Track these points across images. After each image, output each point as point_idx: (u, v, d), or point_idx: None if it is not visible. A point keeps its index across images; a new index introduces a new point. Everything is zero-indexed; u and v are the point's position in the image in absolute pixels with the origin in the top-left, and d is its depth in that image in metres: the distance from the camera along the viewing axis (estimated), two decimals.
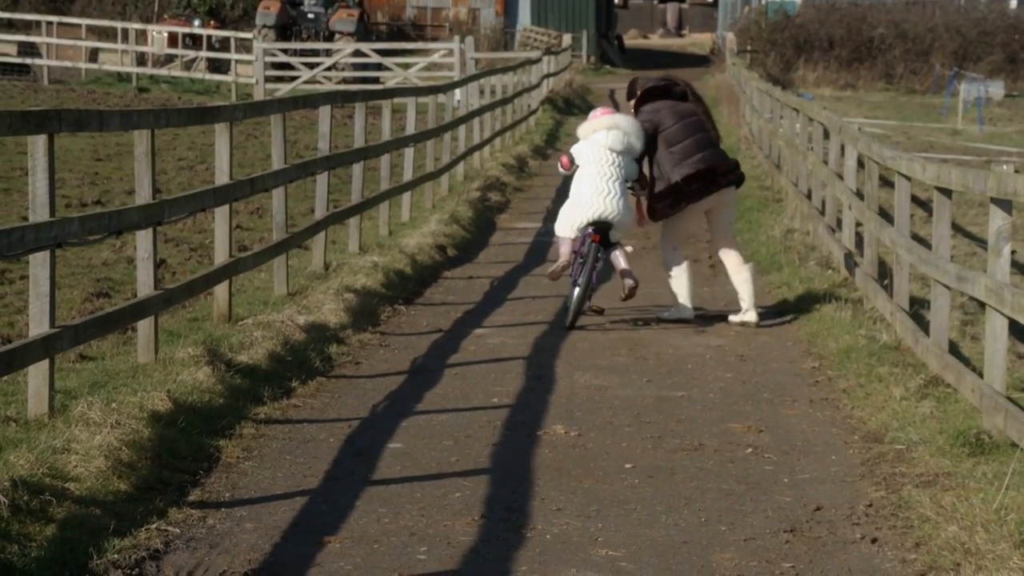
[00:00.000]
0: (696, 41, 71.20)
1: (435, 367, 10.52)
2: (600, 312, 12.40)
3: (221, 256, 11.13)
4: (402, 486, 7.55)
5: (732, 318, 12.38)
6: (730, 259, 12.51)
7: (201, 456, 7.88)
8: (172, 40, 46.11)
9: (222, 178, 11.05)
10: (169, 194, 14.54)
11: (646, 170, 12.50)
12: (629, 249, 12.33)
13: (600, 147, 12.09)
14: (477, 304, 13.35)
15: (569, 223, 12.14)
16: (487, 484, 7.60)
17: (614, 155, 12.08)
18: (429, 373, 10.32)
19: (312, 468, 7.85)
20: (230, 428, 8.44)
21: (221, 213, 11.11)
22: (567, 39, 50.10)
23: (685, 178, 12.22)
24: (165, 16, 51.31)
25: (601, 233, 12.03)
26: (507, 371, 10.43)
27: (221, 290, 11.13)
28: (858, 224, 13.67)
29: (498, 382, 10.06)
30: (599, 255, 12.06)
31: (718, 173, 12.33)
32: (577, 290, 12.07)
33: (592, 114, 12.52)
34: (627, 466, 8.00)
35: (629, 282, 12.11)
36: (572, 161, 12.25)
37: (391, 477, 7.72)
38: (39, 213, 7.94)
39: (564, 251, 12.17)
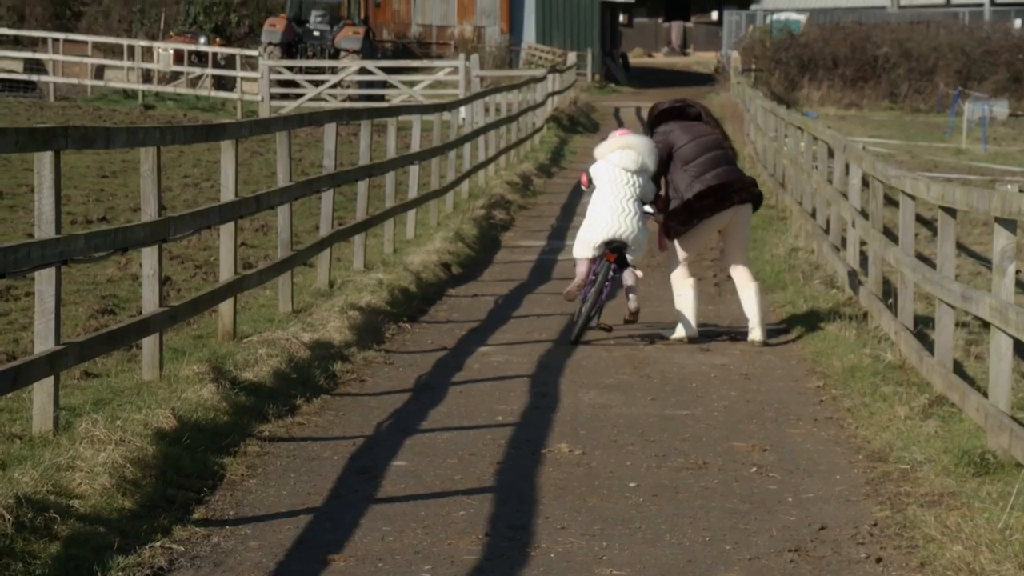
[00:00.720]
0: (700, 59, 71.29)
1: (439, 385, 10.52)
2: (608, 330, 12.41)
3: (226, 273, 11.15)
4: (406, 504, 7.54)
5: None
6: (739, 276, 12.53)
7: (205, 474, 7.87)
8: (178, 57, 46.20)
9: (227, 195, 11.07)
10: (174, 211, 14.54)
11: (663, 191, 12.56)
12: (639, 273, 12.36)
13: (615, 167, 12.21)
14: (481, 322, 13.35)
15: (586, 244, 12.24)
16: (491, 502, 7.59)
17: (629, 175, 12.18)
18: (433, 391, 10.31)
19: (316, 486, 7.84)
20: (234, 446, 8.43)
21: (226, 230, 11.12)
22: (572, 57, 50.17)
23: (697, 195, 12.26)
24: (171, 33, 51.43)
25: (616, 252, 12.11)
26: (511, 389, 10.42)
27: (226, 307, 11.12)
28: (862, 243, 13.66)
29: (502, 400, 10.05)
30: (611, 274, 12.14)
31: (731, 189, 12.33)
32: (585, 306, 12.16)
33: (611, 135, 12.63)
34: (631, 485, 7.99)
35: (632, 305, 12.18)
36: (591, 180, 12.37)
37: (395, 495, 7.71)
38: (45, 230, 7.95)
39: (581, 270, 12.26)
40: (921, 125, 43.92)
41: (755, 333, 12.32)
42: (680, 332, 12.44)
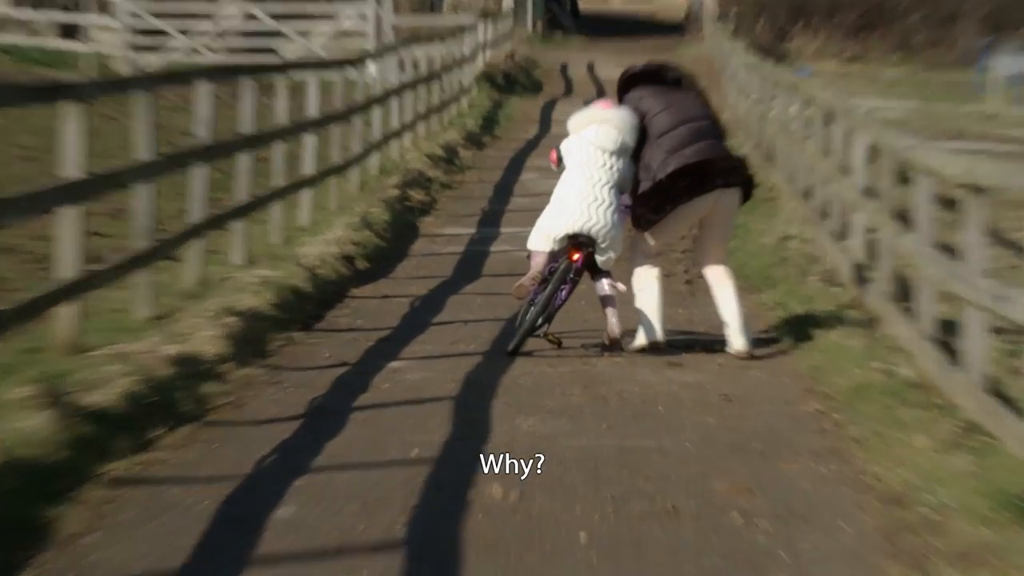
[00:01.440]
0: (667, 6, 71.76)
1: (339, 410, 10.50)
2: (558, 344, 12.36)
3: (67, 270, 11.12)
4: (294, 564, 7.45)
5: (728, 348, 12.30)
6: (714, 273, 12.48)
7: (35, 528, 7.72)
8: None
9: (71, 171, 11.07)
10: (3, 191, 14.38)
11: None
12: (621, 287, 12.21)
13: (590, 145, 12.15)
14: (393, 330, 13.37)
15: (545, 235, 12.19)
16: (403, 561, 7.51)
17: (606, 156, 12.15)
18: (331, 418, 10.28)
19: (177, 542, 7.71)
20: (72, 491, 8.30)
21: (69, 216, 11.12)
22: (508, 1, 50.31)
23: (672, 174, 12.13)
24: None
25: (581, 250, 11.97)
26: (430, 415, 10.39)
27: (66, 313, 11.09)
28: (870, 230, 13.75)
29: (419, 429, 10.01)
30: (570, 275, 12.07)
31: (714, 171, 12.20)
32: (532, 310, 12.10)
33: (591, 104, 12.65)
34: (581, 537, 7.92)
35: (613, 330, 12.06)
36: (561, 158, 12.33)
37: (280, 552, 7.61)
38: None
39: (537, 263, 12.24)
40: (942, 84, 44.42)
41: (737, 342, 12.31)
42: (641, 339, 12.40)
